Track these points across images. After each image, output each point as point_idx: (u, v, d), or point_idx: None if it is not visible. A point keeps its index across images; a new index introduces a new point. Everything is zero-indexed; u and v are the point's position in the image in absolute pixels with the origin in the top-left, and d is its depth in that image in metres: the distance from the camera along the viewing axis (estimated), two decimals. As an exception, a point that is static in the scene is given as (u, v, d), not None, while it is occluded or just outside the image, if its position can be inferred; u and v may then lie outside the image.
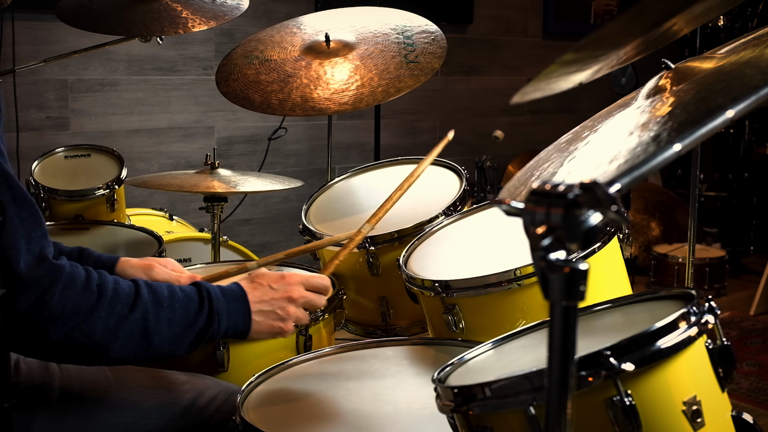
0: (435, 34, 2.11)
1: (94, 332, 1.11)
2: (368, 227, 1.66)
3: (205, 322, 1.24)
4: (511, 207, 0.72)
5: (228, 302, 1.28)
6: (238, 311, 1.30)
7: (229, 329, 1.29)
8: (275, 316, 1.34)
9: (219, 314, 1.26)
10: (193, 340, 1.24)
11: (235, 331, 1.31)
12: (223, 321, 1.27)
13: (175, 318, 1.20)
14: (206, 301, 1.25)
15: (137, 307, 1.16)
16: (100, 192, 2.27)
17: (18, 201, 1.06)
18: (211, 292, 1.27)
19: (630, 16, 0.89)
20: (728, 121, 0.77)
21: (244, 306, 1.31)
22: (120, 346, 1.14)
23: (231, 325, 1.29)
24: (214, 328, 1.26)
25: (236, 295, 1.31)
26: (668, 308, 1.10)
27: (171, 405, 1.37)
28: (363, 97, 1.97)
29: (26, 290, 1.06)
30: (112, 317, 1.13)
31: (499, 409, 0.98)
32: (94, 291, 1.12)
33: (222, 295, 1.28)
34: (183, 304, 1.22)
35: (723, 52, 1.26)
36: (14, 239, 1.05)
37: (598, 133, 1.22)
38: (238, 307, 1.30)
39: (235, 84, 2.11)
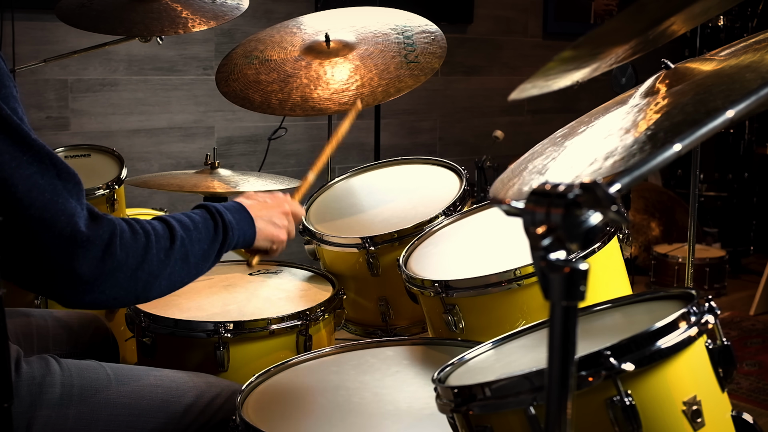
0: (435, 34, 2.11)
1: (152, 268, 1.22)
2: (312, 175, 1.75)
3: (222, 234, 1.36)
4: (511, 207, 0.72)
5: (233, 214, 1.40)
6: (244, 220, 1.42)
7: (240, 238, 1.41)
8: (273, 224, 1.48)
9: (231, 225, 1.38)
10: (217, 252, 1.35)
11: (244, 239, 1.43)
12: (236, 230, 1.39)
13: (202, 237, 1.32)
14: (217, 216, 1.36)
15: (176, 237, 1.26)
16: (100, 192, 2.27)
17: (63, 175, 1.14)
18: (219, 208, 1.39)
19: (629, 14, 0.89)
20: (728, 121, 0.77)
21: (248, 216, 1.43)
22: (168, 273, 1.25)
23: (241, 233, 1.41)
24: (230, 238, 1.37)
25: (238, 207, 1.43)
26: (668, 308, 1.10)
27: (172, 403, 1.37)
28: (363, 97, 1.97)
29: (92, 248, 1.14)
30: (162, 251, 1.24)
31: (499, 409, 0.98)
32: (140, 233, 1.22)
33: (227, 210, 1.40)
34: (203, 224, 1.33)
35: (723, 55, 1.26)
36: (71, 208, 1.13)
37: (593, 128, 1.22)
38: (243, 217, 1.42)
39: (235, 84, 2.11)
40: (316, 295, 1.76)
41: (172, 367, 1.48)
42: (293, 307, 1.67)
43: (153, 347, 1.61)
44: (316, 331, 1.66)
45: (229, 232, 1.37)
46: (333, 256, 1.90)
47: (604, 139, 1.12)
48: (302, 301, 1.73)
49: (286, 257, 1.89)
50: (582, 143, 1.18)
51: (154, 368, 1.43)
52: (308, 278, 1.88)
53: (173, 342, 1.60)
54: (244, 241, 1.43)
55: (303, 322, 1.62)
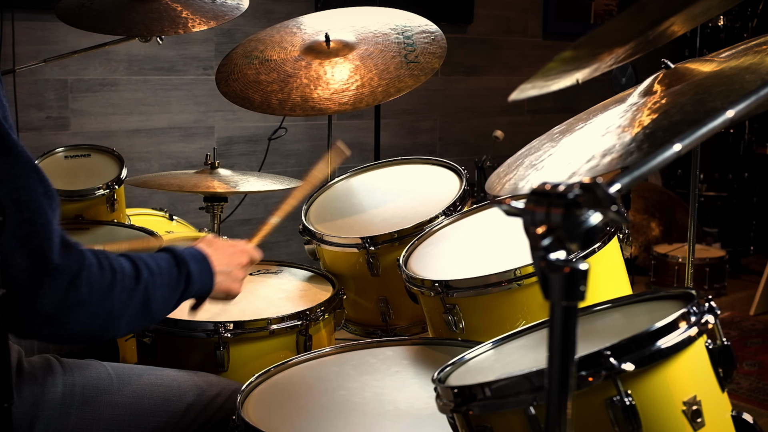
0: (435, 34, 2.11)
1: (113, 308, 1.17)
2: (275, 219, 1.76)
3: (184, 283, 1.31)
4: (511, 207, 0.72)
5: (196, 264, 1.35)
6: (205, 272, 1.36)
7: (199, 289, 1.35)
8: (231, 278, 1.42)
9: (193, 276, 1.32)
10: (176, 301, 1.30)
11: (202, 291, 1.37)
12: (196, 281, 1.33)
13: (165, 283, 1.27)
14: (182, 264, 1.31)
15: (141, 278, 1.22)
16: (100, 192, 2.27)
17: (48, 194, 1.12)
18: (184, 256, 1.34)
19: (629, 14, 0.89)
20: (728, 121, 0.77)
21: (210, 268, 1.38)
22: (129, 316, 1.20)
23: (200, 285, 1.35)
24: (190, 289, 1.32)
25: (201, 257, 1.37)
26: (668, 308, 1.10)
27: (173, 402, 1.37)
28: (363, 97, 1.97)
29: (59, 278, 1.10)
30: (125, 291, 1.19)
31: (499, 409, 0.98)
32: (107, 269, 1.17)
33: (191, 258, 1.35)
34: (168, 270, 1.28)
35: (724, 56, 1.26)
36: (50, 232, 1.10)
37: (591, 126, 1.23)
38: (204, 268, 1.37)
39: (235, 84, 2.11)
40: (316, 295, 1.76)
41: (173, 366, 1.48)
42: (293, 307, 1.67)
43: (153, 347, 1.61)
44: (316, 331, 1.66)
45: (191, 283, 1.32)
46: (333, 256, 1.90)
47: (602, 136, 1.12)
48: (302, 301, 1.73)
49: (286, 257, 1.89)
50: (579, 140, 1.18)
51: (155, 367, 1.43)
52: (308, 278, 1.88)
53: (173, 342, 1.60)
54: (201, 293, 1.38)
55: (303, 322, 1.62)
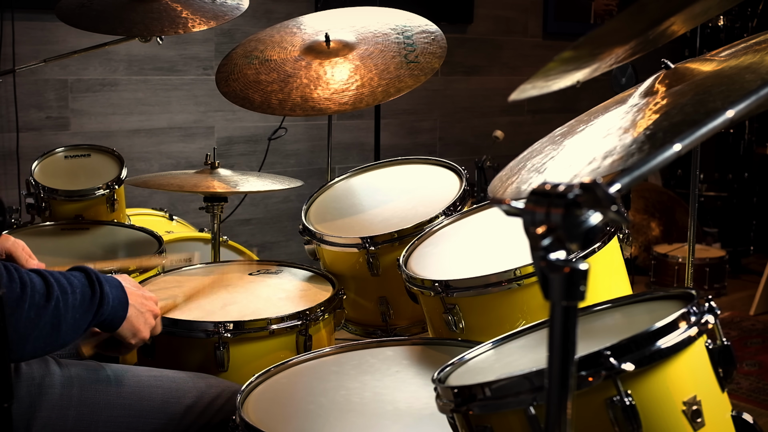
0: (435, 34, 2.11)
1: (19, 325, 1.10)
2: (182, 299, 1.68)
3: (97, 305, 1.25)
4: (511, 207, 0.72)
5: (112, 288, 1.28)
6: (119, 298, 1.30)
7: (110, 315, 1.28)
8: (143, 319, 1.35)
9: (108, 299, 1.26)
10: (88, 324, 1.24)
11: (112, 321, 1.30)
12: (108, 306, 1.27)
13: (77, 303, 1.20)
14: (97, 284, 1.25)
15: (52, 296, 1.15)
16: (100, 192, 2.27)
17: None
18: (99, 276, 1.27)
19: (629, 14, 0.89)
20: (728, 121, 0.77)
21: (124, 295, 1.31)
22: (35, 337, 1.13)
23: (113, 312, 1.28)
24: (102, 312, 1.26)
25: (117, 283, 1.31)
26: (668, 308, 1.10)
27: (172, 404, 1.37)
28: (363, 97, 1.97)
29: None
30: (33, 308, 1.12)
31: (499, 409, 0.98)
32: (17, 282, 1.11)
33: (106, 282, 1.29)
34: (81, 289, 1.22)
35: (724, 56, 1.26)
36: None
37: (592, 127, 1.22)
38: (119, 295, 1.30)
39: (235, 84, 2.11)
40: (316, 295, 1.76)
41: (172, 367, 1.48)
42: (293, 307, 1.67)
43: (153, 347, 1.61)
44: (316, 331, 1.66)
45: (104, 305, 1.25)
46: (333, 256, 1.90)
47: (603, 138, 1.12)
48: (302, 301, 1.73)
49: (286, 257, 1.89)
50: (581, 142, 1.18)
51: (153, 369, 1.43)
52: (308, 278, 1.88)
53: (173, 342, 1.60)
54: (111, 323, 1.30)
55: (303, 322, 1.62)
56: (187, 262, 1.92)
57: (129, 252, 2.09)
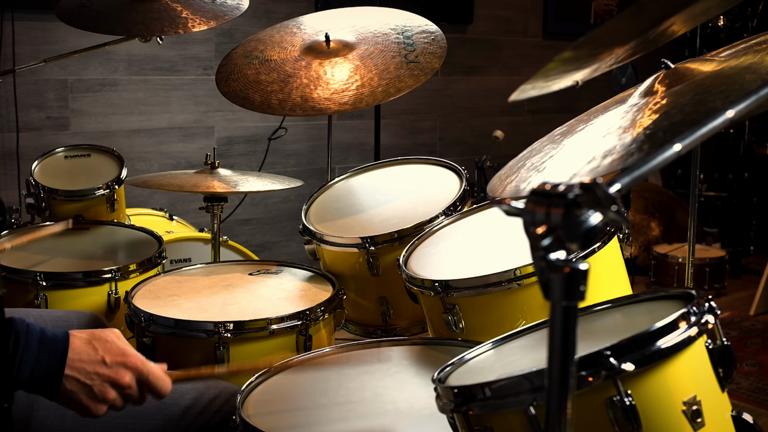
0: (435, 34, 2.11)
1: None
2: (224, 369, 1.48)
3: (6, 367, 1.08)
4: (511, 207, 0.72)
5: (41, 353, 1.10)
6: (46, 366, 1.10)
7: (30, 381, 1.10)
8: (89, 392, 1.13)
9: (21, 363, 1.08)
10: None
11: (38, 386, 1.11)
12: (25, 371, 1.09)
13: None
14: (11, 345, 1.09)
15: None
16: (100, 192, 2.27)
17: None
18: (22, 336, 1.10)
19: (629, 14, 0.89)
20: (728, 121, 0.77)
21: (58, 364, 1.11)
22: None
23: (34, 378, 1.10)
24: (14, 376, 1.09)
25: (56, 348, 1.12)
26: (668, 308, 1.10)
27: (171, 405, 1.36)
28: (363, 97, 1.97)
29: None
30: None
31: (499, 409, 0.98)
32: None
33: (37, 343, 1.11)
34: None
35: (724, 56, 1.26)
36: None
37: (592, 127, 1.23)
38: (48, 361, 1.10)
39: (235, 84, 2.11)
40: (316, 295, 1.76)
41: (172, 367, 1.48)
42: (293, 307, 1.67)
43: (153, 347, 1.61)
44: (316, 331, 1.66)
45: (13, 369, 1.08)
46: (333, 256, 1.90)
47: (603, 137, 1.12)
48: (302, 301, 1.73)
49: (286, 257, 1.89)
50: (580, 142, 1.18)
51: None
52: (308, 278, 1.88)
53: (173, 342, 1.60)
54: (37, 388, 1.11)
55: (303, 322, 1.62)
56: None
57: (129, 252, 2.09)
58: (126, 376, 1.15)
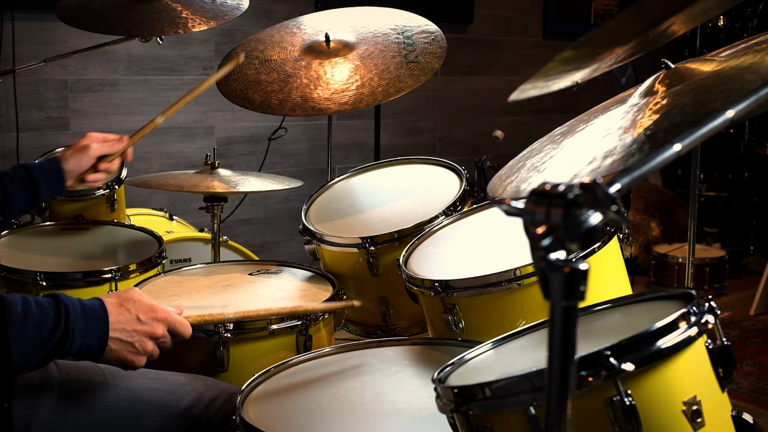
0: (435, 34, 2.11)
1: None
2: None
3: (57, 341, 1.19)
4: (511, 207, 0.72)
5: (86, 322, 1.22)
6: (94, 332, 1.23)
7: (81, 349, 1.22)
8: (131, 348, 1.27)
9: (74, 334, 1.20)
10: (43, 358, 1.19)
11: (88, 352, 1.24)
12: (77, 341, 1.21)
13: (26, 337, 1.15)
14: (63, 320, 1.19)
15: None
16: (100, 192, 2.27)
17: None
18: (70, 309, 1.21)
19: (629, 14, 0.89)
20: (728, 121, 0.77)
21: (103, 329, 1.24)
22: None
23: (84, 345, 1.22)
24: (66, 348, 1.20)
25: (97, 315, 1.24)
26: (668, 308, 1.10)
27: (171, 406, 1.36)
28: (363, 97, 1.97)
29: None
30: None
31: (499, 409, 0.98)
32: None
33: (82, 314, 1.22)
34: (36, 322, 1.16)
35: (724, 56, 1.26)
36: None
37: (592, 127, 1.23)
38: (96, 328, 1.23)
39: (235, 84, 2.11)
40: (316, 295, 1.76)
41: (172, 367, 1.48)
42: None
43: (153, 347, 1.61)
44: (316, 331, 1.66)
45: (67, 342, 1.19)
46: (333, 256, 1.90)
47: (603, 138, 1.12)
48: (302, 301, 1.73)
49: (286, 257, 1.89)
50: (581, 142, 1.18)
51: (152, 371, 1.42)
52: (308, 278, 1.88)
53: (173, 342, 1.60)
54: (87, 354, 1.24)
55: (303, 322, 1.62)
56: None
57: (129, 252, 2.09)
58: (159, 328, 1.30)
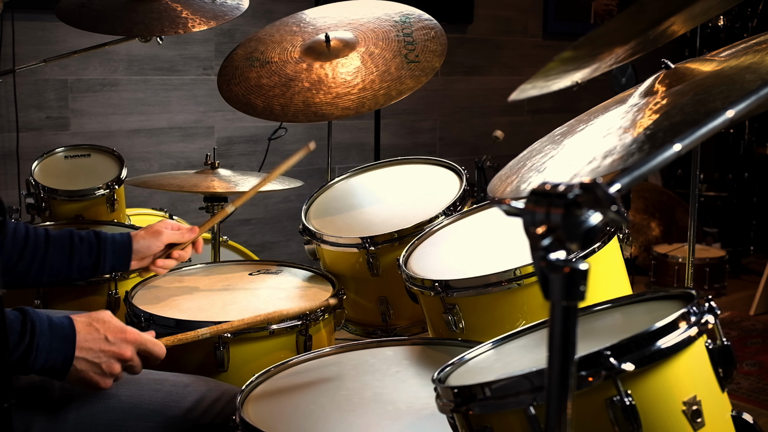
0: (435, 29, 2.11)
1: None
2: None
3: (21, 355, 1.18)
4: (511, 207, 0.72)
5: (52, 338, 1.20)
6: (59, 350, 1.21)
7: (45, 366, 1.21)
8: (98, 369, 1.25)
9: (38, 350, 1.18)
10: None
11: (52, 369, 1.22)
12: (40, 357, 1.20)
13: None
14: (28, 334, 1.18)
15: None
16: (100, 192, 2.27)
17: None
18: (36, 324, 1.20)
19: (629, 14, 0.89)
20: (728, 121, 0.77)
21: (69, 347, 1.22)
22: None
23: (48, 362, 1.21)
24: (29, 363, 1.19)
25: (65, 333, 1.23)
26: (668, 308, 1.10)
27: (172, 408, 1.36)
28: (365, 101, 1.97)
29: None
30: None
31: (499, 409, 0.98)
32: None
33: (48, 330, 1.21)
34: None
35: (724, 56, 1.26)
36: None
37: (592, 127, 1.23)
38: (61, 346, 1.21)
39: (237, 88, 2.11)
40: (316, 295, 1.76)
41: (172, 367, 1.48)
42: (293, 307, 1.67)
43: (153, 347, 1.61)
44: (316, 331, 1.66)
45: (30, 358, 1.17)
46: (333, 256, 1.90)
47: (603, 138, 1.12)
48: (302, 301, 1.73)
49: (286, 257, 1.89)
50: (581, 142, 1.18)
51: (153, 371, 1.42)
52: (308, 278, 1.88)
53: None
54: (50, 372, 1.22)
55: (303, 322, 1.62)
56: None
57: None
58: (128, 350, 1.28)
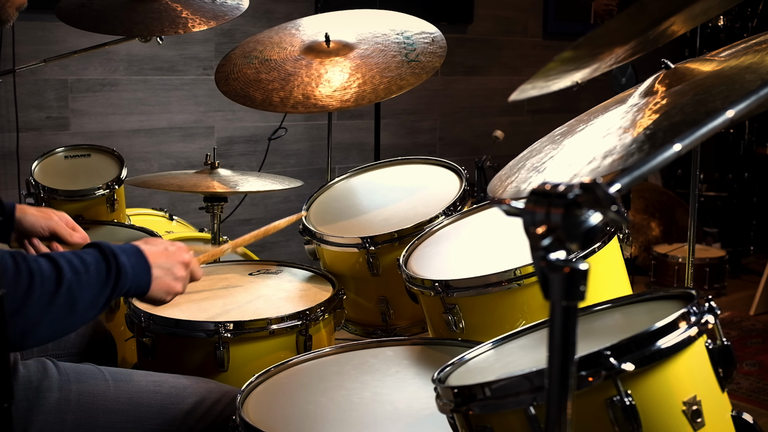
0: (434, 35, 2.11)
1: (33, 314, 1.13)
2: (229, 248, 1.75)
3: (115, 278, 1.26)
4: (511, 207, 0.72)
5: (129, 257, 1.30)
6: (140, 265, 1.31)
7: (133, 284, 1.30)
8: (170, 275, 1.37)
9: (124, 269, 1.27)
10: (107, 299, 1.26)
11: (138, 286, 1.32)
12: (129, 276, 1.28)
13: (92, 281, 1.22)
14: (111, 258, 1.26)
15: (63, 280, 1.17)
16: (100, 192, 2.27)
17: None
18: (114, 249, 1.28)
19: (629, 14, 0.89)
20: (728, 121, 0.77)
21: (145, 261, 1.33)
22: (50, 321, 1.16)
23: (135, 279, 1.30)
24: (122, 284, 1.27)
25: (135, 250, 1.32)
26: (668, 308, 1.10)
27: (171, 410, 1.36)
28: (365, 94, 1.97)
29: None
30: (45, 295, 1.15)
31: (499, 409, 0.98)
32: (24, 273, 1.13)
33: (123, 252, 1.30)
34: (95, 267, 1.23)
35: (724, 56, 1.26)
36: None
37: (592, 127, 1.23)
38: (139, 261, 1.31)
39: (235, 83, 2.11)
40: (316, 295, 1.76)
41: (172, 367, 1.48)
42: (293, 307, 1.67)
43: (153, 347, 1.61)
44: (316, 331, 1.66)
45: (122, 277, 1.26)
46: (333, 256, 1.90)
47: (603, 138, 1.12)
48: (302, 301, 1.73)
49: (286, 257, 1.89)
50: (581, 142, 1.19)
51: (153, 373, 1.42)
52: (308, 278, 1.88)
53: (173, 342, 1.60)
54: (138, 289, 1.32)
55: (303, 322, 1.62)
56: None
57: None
58: (186, 254, 1.41)
